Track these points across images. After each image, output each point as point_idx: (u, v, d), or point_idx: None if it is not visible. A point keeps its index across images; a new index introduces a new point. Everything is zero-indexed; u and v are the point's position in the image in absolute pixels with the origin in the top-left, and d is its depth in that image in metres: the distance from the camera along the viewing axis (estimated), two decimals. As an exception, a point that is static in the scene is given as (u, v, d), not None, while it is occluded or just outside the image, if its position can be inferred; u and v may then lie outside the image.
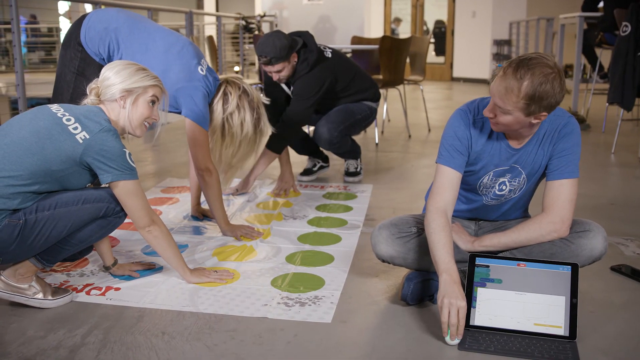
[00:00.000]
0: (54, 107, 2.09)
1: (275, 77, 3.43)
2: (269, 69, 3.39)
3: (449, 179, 2.06)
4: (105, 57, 2.69)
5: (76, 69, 2.70)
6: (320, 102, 3.56)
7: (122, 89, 2.13)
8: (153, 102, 2.19)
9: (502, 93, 1.87)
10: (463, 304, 1.80)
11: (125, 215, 2.15)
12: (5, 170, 1.94)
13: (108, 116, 2.13)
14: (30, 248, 2.00)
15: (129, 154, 2.08)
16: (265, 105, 2.91)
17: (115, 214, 2.11)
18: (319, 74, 3.48)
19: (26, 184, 1.95)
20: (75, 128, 2.02)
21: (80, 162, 2.02)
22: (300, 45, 3.43)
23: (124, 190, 2.06)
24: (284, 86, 3.58)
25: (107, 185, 2.09)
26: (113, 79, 2.13)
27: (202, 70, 2.72)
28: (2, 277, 2.05)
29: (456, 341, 1.82)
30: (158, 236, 2.16)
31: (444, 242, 1.93)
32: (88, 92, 2.17)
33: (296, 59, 3.44)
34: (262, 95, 2.92)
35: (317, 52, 3.49)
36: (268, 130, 2.94)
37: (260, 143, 2.96)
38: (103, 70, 2.19)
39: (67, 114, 2.05)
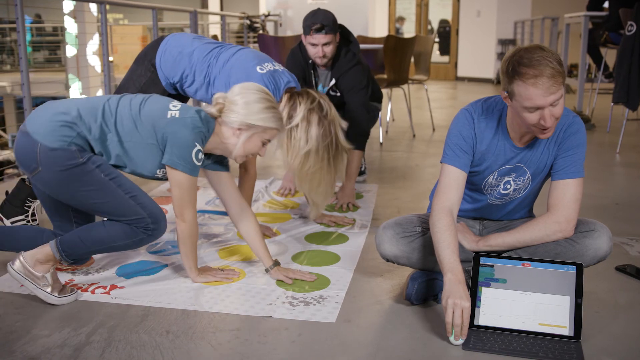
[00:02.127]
0: (171, 101, 2.21)
1: (320, 52, 3.27)
2: (318, 38, 3.24)
3: (455, 179, 2.05)
4: (176, 80, 2.75)
5: (141, 87, 2.80)
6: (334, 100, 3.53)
7: (243, 122, 2.15)
8: (265, 143, 2.22)
9: (550, 83, 1.79)
10: (467, 304, 1.80)
11: (152, 239, 2.16)
12: (107, 104, 2.07)
13: (217, 131, 2.17)
14: (62, 192, 2.07)
15: (198, 151, 2.10)
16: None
17: (145, 229, 2.12)
18: (363, 70, 3.40)
19: (108, 128, 2.07)
20: (175, 106, 2.13)
21: (156, 133, 2.09)
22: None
23: (174, 178, 2.12)
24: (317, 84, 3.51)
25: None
26: (240, 107, 2.14)
27: (262, 70, 2.67)
28: (21, 258, 2.07)
29: (460, 341, 1.82)
30: (178, 233, 2.20)
31: (449, 242, 1.93)
32: (213, 102, 2.19)
33: (338, 40, 3.35)
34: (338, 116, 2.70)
35: (358, 45, 3.44)
36: (342, 150, 2.68)
37: (336, 162, 2.68)
38: (238, 88, 2.19)
39: (177, 105, 2.16)
